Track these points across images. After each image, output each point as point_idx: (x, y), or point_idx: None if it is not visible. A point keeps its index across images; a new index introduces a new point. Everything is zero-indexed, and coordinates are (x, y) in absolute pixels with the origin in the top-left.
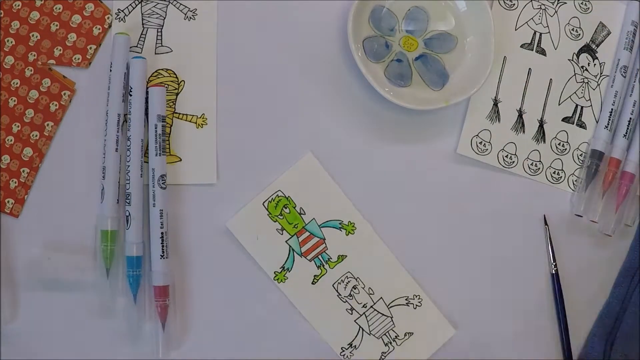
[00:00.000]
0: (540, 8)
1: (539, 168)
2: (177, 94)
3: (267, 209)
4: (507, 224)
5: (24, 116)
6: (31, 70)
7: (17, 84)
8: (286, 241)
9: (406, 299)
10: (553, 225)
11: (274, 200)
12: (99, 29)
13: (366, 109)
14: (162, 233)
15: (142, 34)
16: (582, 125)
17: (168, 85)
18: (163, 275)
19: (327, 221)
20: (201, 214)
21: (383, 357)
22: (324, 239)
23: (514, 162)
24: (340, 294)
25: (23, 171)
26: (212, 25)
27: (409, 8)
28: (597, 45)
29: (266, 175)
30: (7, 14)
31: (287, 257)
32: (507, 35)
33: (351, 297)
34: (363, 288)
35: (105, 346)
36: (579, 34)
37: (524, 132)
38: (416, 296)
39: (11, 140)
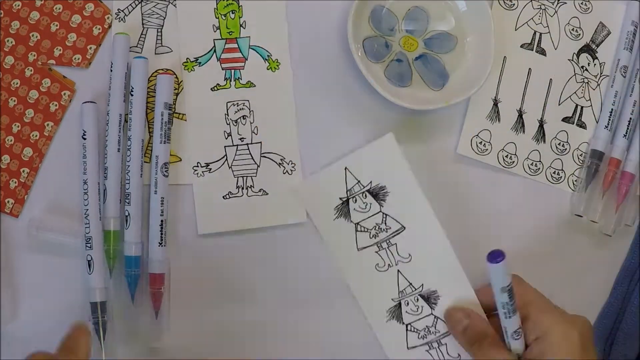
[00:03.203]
0: (540, 8)
1: (539, 168)
2: (177, 94)
3: (216, 4)
4: (507, 224)
5: (24, 116)
6: (31, 70)
7: (17, 84)
8: (214, 40)
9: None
10: (553, 226)
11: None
12: (99, 29)
13: (366, 109)
14: (161, 221)
15: (142, 33)
16: (582, 125)
17: None
18: (159, 263)
19: (258, 46)
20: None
21: None
22: (246, 59)
23: (514, 162)
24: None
25: (23, 171)
26: None
27: (409, 8)
28: (597, 45)
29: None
30: (7, 14)
31: (207, 54)
32: (507, 35)
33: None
34: None
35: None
36: (579, 34)
37: (524, 132)
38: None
39: (11, 140)
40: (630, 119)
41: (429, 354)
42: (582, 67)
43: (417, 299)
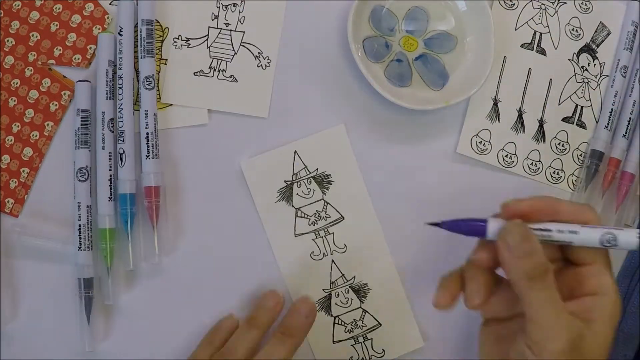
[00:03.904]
0: (540, 8)
1: (539, 168)
2: (162, 41)
3: None
4: None
5: (24, 116)
6: (31, 70)
7: (17, 84)
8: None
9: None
10: None
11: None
12: (99, 29)
13: (366, 109)
14: (147, 133)
15: None
16: (582, 125)
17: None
18: (149, 175)
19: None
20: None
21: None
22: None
23: (513, 161)
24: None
25: (23, 171)
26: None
27: (409, 8)
28: (597, 45)
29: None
30: (7, 14)
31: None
32: (507, 35)
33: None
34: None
35: (107, 345)
36: (579, 34)
37: (523, 131)
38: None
39: (11, 140)
40: (630, 119)
41: (354, 349)
42: (582, 67)
43: (348, 291)
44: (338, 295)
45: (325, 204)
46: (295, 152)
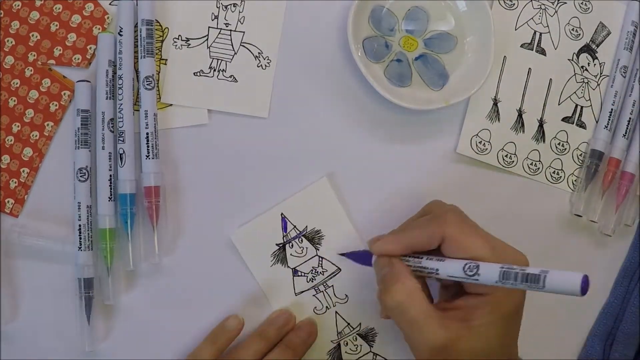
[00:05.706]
0: (540, 8)
1: (539, 168)
2: (162, 41)
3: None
4: (506, 223)
5: (24, 116)
6: (31, 70)
7: (17, 84)
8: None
9: None
10: (553, 225)
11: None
12: (99, 29)
13: (366, 109)
14: (147, 133)
15: None
16: (581, 125)
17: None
18: (149, 175)
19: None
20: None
21: None
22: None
23: (513, 161)
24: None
25: (23, 171)
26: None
27: (409, 8)
28: (597, 45)
29: (264, 175)
30: (7, 14)
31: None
32: (507, 35)
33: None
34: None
35: (107, 345)
36: (579, 34)
37: (523, 131)
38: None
39: (11, 140)
40: (630, 119)
41: None
42: (582, 67)
43: (356, 339)
44: (347, 344)
45: (320, 259)
46: (282, 214)
